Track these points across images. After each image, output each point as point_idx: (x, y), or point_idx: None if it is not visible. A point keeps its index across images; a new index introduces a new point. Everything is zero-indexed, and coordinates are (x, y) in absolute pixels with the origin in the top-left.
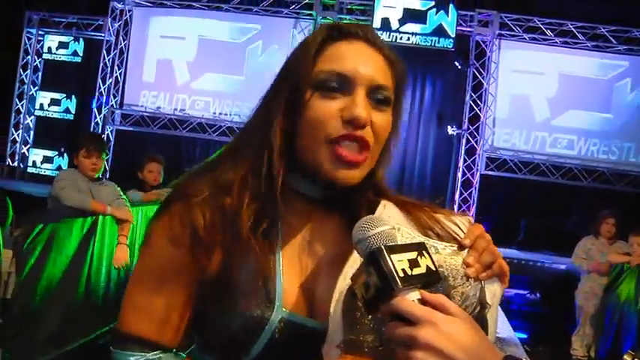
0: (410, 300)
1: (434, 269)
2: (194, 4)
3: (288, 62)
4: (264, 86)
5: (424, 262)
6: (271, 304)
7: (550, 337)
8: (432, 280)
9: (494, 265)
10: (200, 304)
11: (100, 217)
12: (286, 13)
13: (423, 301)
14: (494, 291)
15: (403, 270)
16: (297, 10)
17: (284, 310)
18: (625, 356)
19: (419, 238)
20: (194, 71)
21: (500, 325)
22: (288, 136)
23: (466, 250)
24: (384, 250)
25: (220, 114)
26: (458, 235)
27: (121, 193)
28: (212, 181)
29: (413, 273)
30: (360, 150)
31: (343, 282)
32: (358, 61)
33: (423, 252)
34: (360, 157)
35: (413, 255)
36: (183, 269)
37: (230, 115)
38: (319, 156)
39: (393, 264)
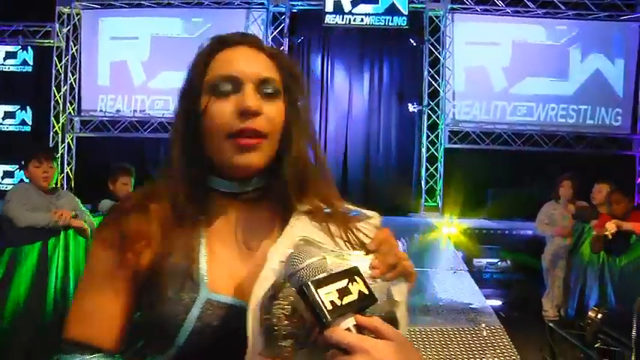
0: (342, 329)
1: (367, 292)
2: (143, 2)
3: (186, 78)
4: None
5: (356, 288)
6: (196, 286)
7: (523, 302)
8: (367, 303)
9: (398, 266)
10: (138, 301)
11: (62, 233)
12: (238, 4)
13: (358, 327)
14: (400, 289)
15: (332, 302)
16: (249, 1)
17: (209, 291)
18: (590, 312)
19: (330, 247)
20: (150, 71)
21: (473, 296)
22: (194, 143)
23: (373, 254)
24: (311, 286)
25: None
26: (366, 239)
27: (80, 204)
28: (140, 194)
29: (343, 302)
30: (255, 137)
31: (259, 288)
32: (242, 62)
33: (355, 277)
34: (253, 141)
35: (343, 283)
36: (116, 269)
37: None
38: (224, 152)
39: (320, 298)
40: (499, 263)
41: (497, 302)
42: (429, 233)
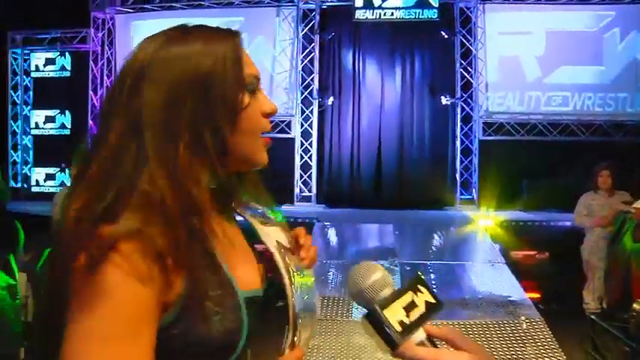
0: (414, 345)
1: (434, 301)
2: (175, 4)
3: (205, 72)
4: None
5: (422, 299)
6: (232, 291)
7: (563, 295)
8: (435, 310)
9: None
10: (166, 331)
11: None
12: (268, 3)
13: (430, 338)
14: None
15: (400, 322)
16: None
17: (242, 290)
18: (634, 304)
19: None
20: None
21: (511, 289)
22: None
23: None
24: (377, 309)
25: None
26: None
27: None
28: (137, 205)
29: (411, 319)
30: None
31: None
32: (253, 63)
33: (419, 287)
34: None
35: (408, 298)
36: (154, 307)
37: None
38: (254, 148)
39: (388, 321)
40: (537, 255)
41: (536, 295)
42: (465, 226)
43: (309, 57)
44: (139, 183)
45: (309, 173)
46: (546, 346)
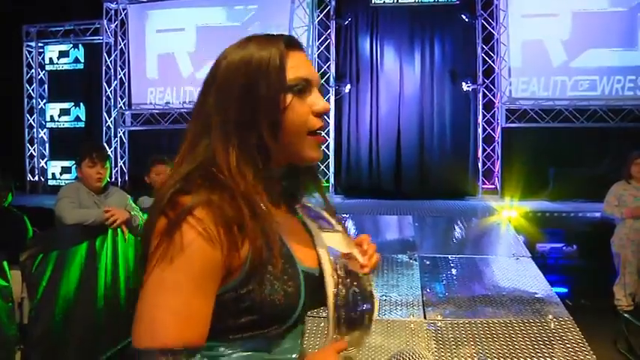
0: None
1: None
2: None
3: (256, 70)
4: None
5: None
6: (293, 264)
7: (592, 290)
8: None
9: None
10: (244, 287)
11: (110, 230)
12: None
13: None
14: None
15: None
16: None
17: (303, 265)
18: None
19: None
20: (197, 61)
21: (538, 284)
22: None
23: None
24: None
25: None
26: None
27: (132, 202)
28: (210, 179)
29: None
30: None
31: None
32: (309, 67)
33: None
34: (323, 137)
35: None
36: (220, 266)
37: None
38: (303, 146)
39: None
40: (564, 248)
41: (564, 290)
42: (488, 217)
43: (325, 44)
44: (210, 169)
45: (326, 163)
46: (575, 347)
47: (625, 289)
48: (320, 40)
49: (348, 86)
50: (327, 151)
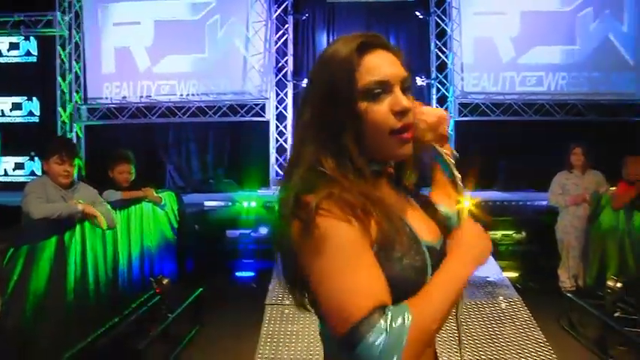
0: None
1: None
2: None
3: (327, 85)
4: (228, 61)
5: None
6: (416, 241)
7: (539, 273)
8: None
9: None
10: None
11: (78, 225)
12: None
13: None
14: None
15: None
16: None
17: (425, 241)
18: (609, 281)
19: None
20: (154, 55)
21: (489, 268)
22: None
23: None
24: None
25: (188, 95)
26: None
27: (98, 195)
28: (322, 178)
29: None
30: (410, 129)
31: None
32: (387, 66)
33: None
34: (410, 134)
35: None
36: (364, 238)
37: (198, 94)
38: (388, 146)
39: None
40: (514, 235)
41: (514, 274)
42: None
43: (283, 39)
44: (319, 169)
45: (284, 156)
46: (524, 325)
47: (568, 271)
48: (278, 35)
49: (306, 81)
50: (285, 144)
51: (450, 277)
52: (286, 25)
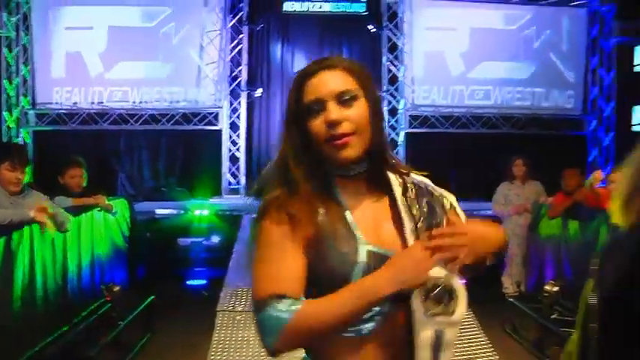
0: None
1: None
2: None
3: (287, 104)
4: (182, 69)
5: None
6: (356, 242)
7: (485, 280)
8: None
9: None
10: (309, 263)
11: (26, 228)
12: None
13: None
14: None
15: None
16: None
17: (366, 242)
18: (546, 286)
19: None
20: (107, 61)
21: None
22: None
23: None
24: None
25: (141, 102)
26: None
27: (49, 200)
28: (280, 185)
29: None
30: (344, 137)
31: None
32: (322, 85)
33: None
34: (342, 140)
35: None
36: (288, 239)
37: (151, 102)
38: (328, 152)
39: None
40: None
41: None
42: None
43: (238, 48)
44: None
45: (237, 165)
46: (469, 330)
47: (511, 278)
48: (232, 45)
49: (260, 90)
50: (237, 153)
51: (359, 289)
52: (241, 35)
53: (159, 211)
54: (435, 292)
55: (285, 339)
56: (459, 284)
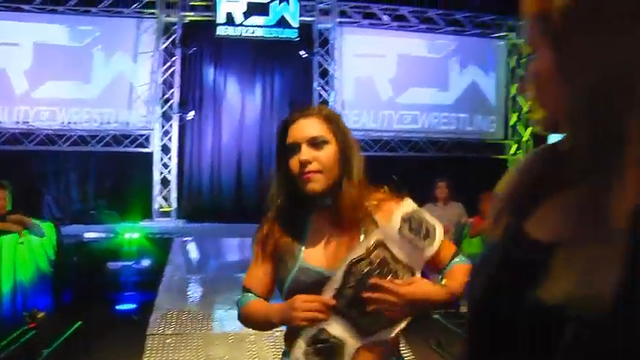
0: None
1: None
2: (24, 6)
3: (276, 144)
4: (113, 90)
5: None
6: (296, 259)
7: None
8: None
9: None
10: (274, 270)
11: None
12: (128, 14)
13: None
14: None
15: None
16: (139, 10)
17: (303, 262)
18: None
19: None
20: (33, 80)
21: None
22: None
23: None
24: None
25: (70, 123)
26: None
27: None
28: (268, 214)
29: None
30: (310, 173)
31: (351, 256)
32: (298, 131)
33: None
34: (309, 175)
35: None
36: (261, 250)
37: (81, 123)
38: (299, 184)
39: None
40: None
41: None
42: None
43: (170, 70)
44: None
45: (168, 188)
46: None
47: None
48: (165, 67)
49: (192, 113)
50: (169, 176)
51: (269, 311)
52: (174, 58)
53: (87, 235)
54: (321, 343)
55: (240, 319)
56: (348, 346)
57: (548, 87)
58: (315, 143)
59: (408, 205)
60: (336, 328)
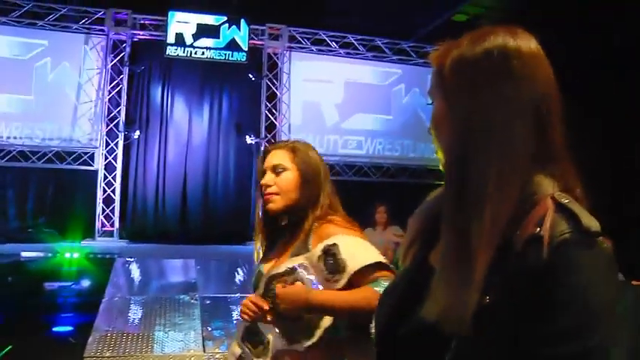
0: None
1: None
2: None
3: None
4: (56, 106)
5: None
6: (258, 262)
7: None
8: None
9: None
10: None
11: None
12: (76, 29)
13: None
14: None
15: None
16: (88, 26)
17: (260, 264)
18: None
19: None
20: None
21: None
22: None
23: None
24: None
25: (9, 137)
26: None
27: None
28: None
29: None
30: (268, 195)
31: (273, 271)
32: (267, 160)
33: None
34: (267, 197)
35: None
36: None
37: (21, 138)
38: (263, 202)
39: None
40: None
41: None
42: None
43: (117, 89)
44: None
45: (111, 207)
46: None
47: None
48: (112, 85)
49: (138, 132)
50: (112, 195)
51: None
52: (121, 76)
53: (24, 254)
54: (254, 335)
55: None
56: (271, 338)
57: (442, 131)
58: (277, 171)
59: (335, 238)
60: (265, 327)
